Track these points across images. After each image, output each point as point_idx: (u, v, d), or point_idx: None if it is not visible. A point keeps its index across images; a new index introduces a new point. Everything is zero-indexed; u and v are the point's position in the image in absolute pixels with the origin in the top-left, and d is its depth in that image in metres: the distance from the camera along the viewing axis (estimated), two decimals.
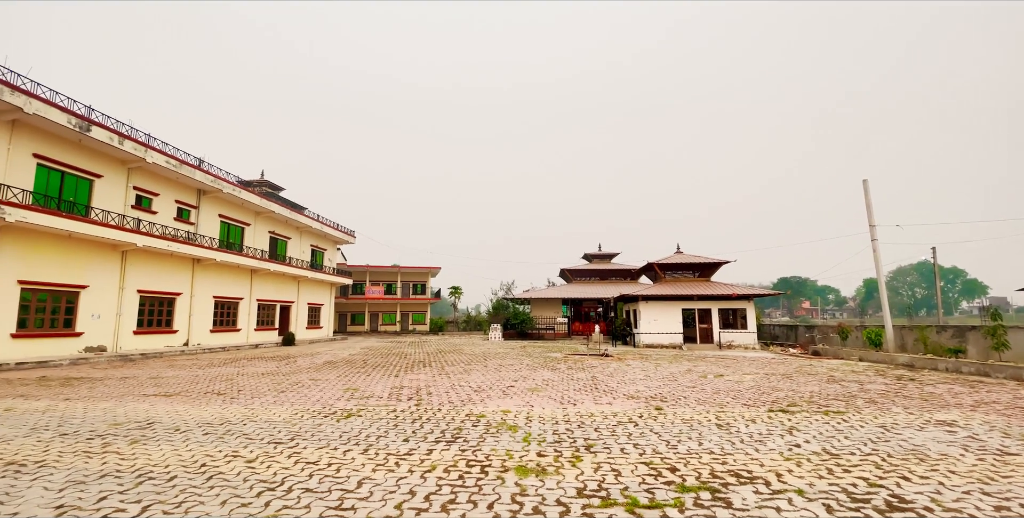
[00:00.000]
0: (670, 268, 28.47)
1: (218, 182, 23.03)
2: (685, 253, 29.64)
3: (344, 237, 37.20)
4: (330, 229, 34.89)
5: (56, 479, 4.42)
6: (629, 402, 8.52)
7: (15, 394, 9.35)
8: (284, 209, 29.20)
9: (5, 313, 14.56)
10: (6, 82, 13.84)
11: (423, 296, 49.23)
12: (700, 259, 28.12)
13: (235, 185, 24.55)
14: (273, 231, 29.57)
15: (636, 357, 18.25)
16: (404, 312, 48.90)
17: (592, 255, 41.79)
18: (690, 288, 26.08)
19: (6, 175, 14.62)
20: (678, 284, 27.35)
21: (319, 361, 16.72)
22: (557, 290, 38.62)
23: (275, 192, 32.26)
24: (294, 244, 31.86)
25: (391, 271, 48.60)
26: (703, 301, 25.02)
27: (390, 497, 4.01)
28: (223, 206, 24.93)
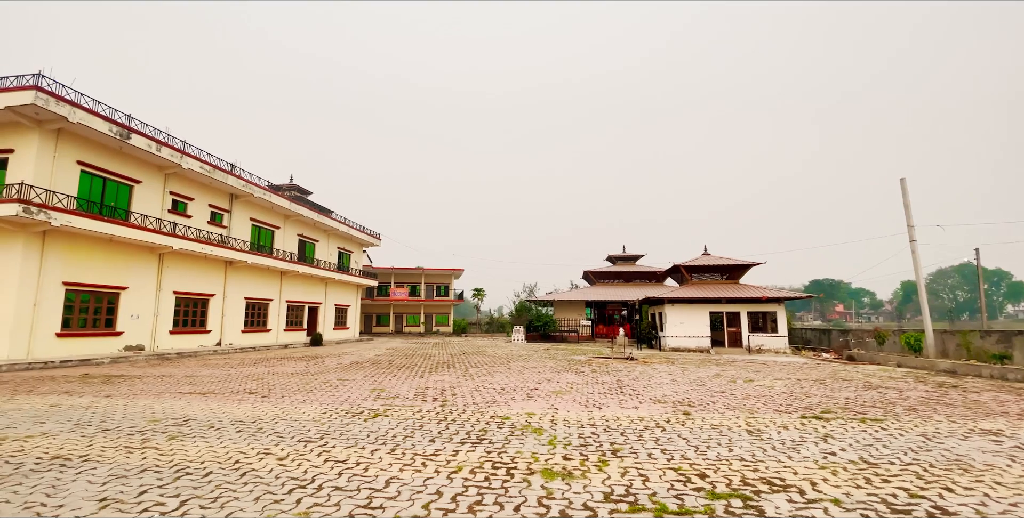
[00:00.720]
0: (697, 270, 27.97)
1: (249, 186, 23.71)
2: (712, 255, 29.08)
3: (369, 239, 37.80)
4: (356, 232, 35.51)
5: (99, 473, 4.61)
6: (656, 406, 8.39)
7: (60, 391, 9.80)
8: (312, 212, 29.88)
9: (51, 313, 15.28)
10: (52, 93, 14.56)
11: (446, 298, 49.61)
12: (728, 261, 27.54)
13: (265, 189, 25.25)
14: (302, 234, 30.27)
15: (662, 361, 17.98)
16: (428, 313, 49.35)
17: (616, 257, 41.42)
18: (718, 291, 25.56)
19: (52, 182, 15.37)
20: (705, 286, 26.84)
21: (346, 361, 17.02)
22: (580, 292, 38.39)
23: (303, 196, 33.03)
24: (322, 247, 32.54)
25: (415, 273, 49.13)
26: (731, 304, 24.49)
27: (417, 497, 4.04)
28: (254, 210, 25.65)
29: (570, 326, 35.28)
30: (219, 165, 21.87)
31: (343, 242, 35.56)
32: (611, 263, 41.88)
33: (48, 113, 14.51)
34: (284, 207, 26.99)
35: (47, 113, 14.50)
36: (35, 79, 14.32)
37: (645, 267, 40.18)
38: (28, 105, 14.01)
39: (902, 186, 18.85)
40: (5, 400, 8.62)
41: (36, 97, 14.02)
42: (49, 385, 10.56)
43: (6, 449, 5.41)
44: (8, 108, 14.03)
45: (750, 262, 27.03)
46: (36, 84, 14.20)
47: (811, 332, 28.64)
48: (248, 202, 24.89)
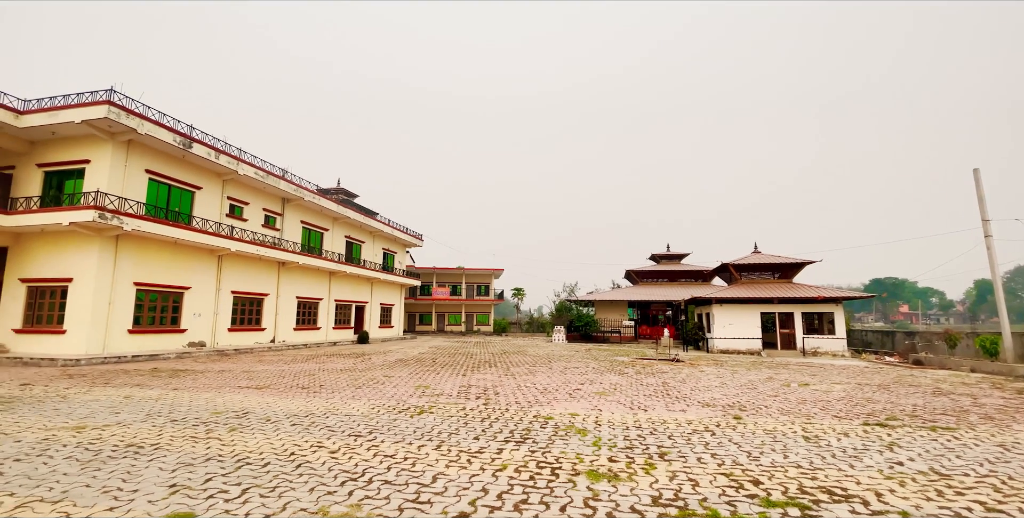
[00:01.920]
0: (747, 269, 26.92)
1: (300, 191, 24.75)
2: (763, 253, 27.91)
3: (412, 240, 38.63)
4: (400, 233, 36.40)
5: (169, 460, 4.93)
6: (704, 410, 8.13)
7: (132, 383, 10.55)
8: (358, 215, 30.86)
9: (124, 311, 16.48)
10: (123, 107, 15.69)
11: (486, 297, 50.00)
12: (780, 259, 26.35)
13: (315, 193, 26.28)
14: (349, 235, 31.31)
15: (710, 363, 17.42)
16: (469, 313, 49.91)
17: (660, 256, 40.48)
18: (770, 290, 24.51)
19: (124, 189, 16.56)
20: (756, 286, 25.80)
21: (391, 359, 17.45)
22: (622, 292, 37.76)
23: (350, 199, 34.16)
24: (367, 247, 33.53)
25: (456, 273, 49.80)
26: (785, 304, 23.42)
27: (464, 493, 4.09)
28: (304, 213, 26.75)
29: (612, 326, 34.76)
30: (272, 171, 22.94)
31: (387, 243, 36.50)
32: (654, 262, 40.96)
33: (119, 125, 15.65)
34: (332, 210, 28.01)
35: (119, 125, 15.65)
36: (107, 94, 15.48)
37: (690, 266, 39.07)
38: (102, 118, 15.17)
39: (975, 177, 17.45)
40: (84, 391, 9.36)
41: (109, 111, 15.16)
42: (123, 378, 11.39)
43: (86, 437, 5.87)
44: (85, 122, 15.24)
45: (804, 260, 25.76)
46: (108, 99, 15.35)
47: (872, 334, 26.99)
48: (299, 205, 25.98)
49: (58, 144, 16.60)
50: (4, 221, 15.35)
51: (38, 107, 15.72)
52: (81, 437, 5.83)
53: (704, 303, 26.03)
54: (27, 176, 16.78)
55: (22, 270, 16.15)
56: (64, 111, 15.36)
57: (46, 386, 9.97)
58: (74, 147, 16.43)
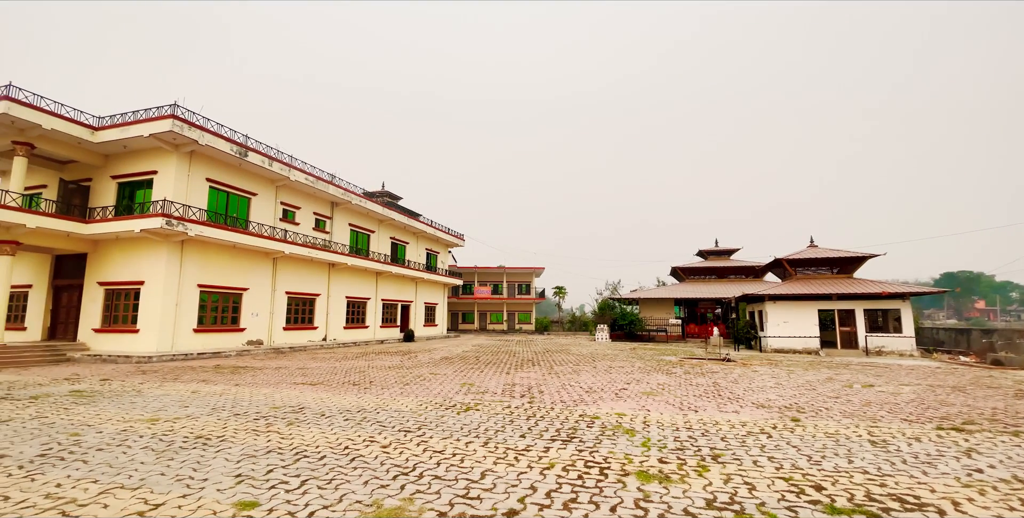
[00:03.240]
0: (803, 264, 25.62)
1: (347, 194, 25.61)
2: (820, 247, 26.48)
3: (454, 240, 39.19)
4: (442, 233, 37.01)
5: (233, 452, 5.21)
6: (759, 411, 7.80)
7: (198, 379, 11.24)
8: (403, 216, 31.62)
9: (189, 311, 17.58)
10: (185, 120, 16.73)
11: (528, 296, 50.04)
12: (839, 253, 24.91)
13: (361, 197, 27.14)
14: (394, 237, 32.13)
15: (764, 363, 16.71)
16: (510, 312, 50.11)
17: (708, 251, 39.19)
18: (828, 286, 23.23)
19: (187, 197, 17.66)
20: (812, 281, 24.52)
21: (436, 357, 17.77)
22: (668, 290, 36.84)
23: (394, 201, 35.03)
24: (412, 248, 34.30)
25: (497, 272, 50.11)
26: (845, 301, 22.13)
27: (512, 490, 4.10)
28: (352, 216, 27.66)
29: (658, 325, 33.98)
30: (321, 176, 23.86)
31: (430, 243, 37.19)
32: (702, 258, 39.71)
33: (183, 137, 16.71)
34: (378, 212, 28.84)
35: (182, 137, 16.70)
36: (171, 109, 16.55)
37: (740, 262, 37.62)
38: (167, 132, 16.24)
39: None
40: (156, 386, 10.06)
41: (173, 124, 16.20)
42: (190, 374, 12.16)
43: (159, 428, 6.29)
44: (152, 135, 16.36)
45: (865, 254, 24.24)
46: (172, 113, 16.41)
47: (944, 332, 25.10)
48: (347, 209, 26.90)
49: (129, 157, 17.91)
50: (84, 229, 16.71)
51: (111, 123, 17.01)
52: (155, 429, 6.26)
53: (756, 300, 24.99)
54: (103, 187, 18.20)
55: (100, 274, 17.53)
56: (133, 126, 16.55)
57: (123, 381, 10.78)
58: (143, 159, 17.67)
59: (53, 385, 10.18)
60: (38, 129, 15.46)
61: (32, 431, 6.10)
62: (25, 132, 15.59)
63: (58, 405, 7.87)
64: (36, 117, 15.17)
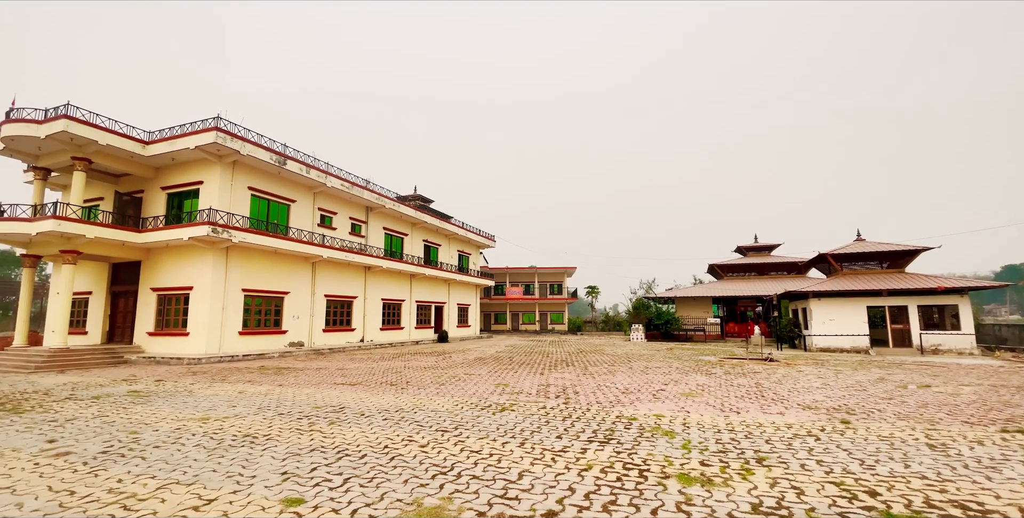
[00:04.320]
0: (849, 258, 24.50)
1: (381, 199, 26.17)
2: (868, 240, 25.26)
3: (485, 241, 39.42)
4: (473, 235, 37.29)
5: (279, 450, 5.39)
6: (806, 413, 7.50)
7: (244, 380, 11.69)
8: (435, 219, 32.06)
9: (234, 315, 18.32)
10: (228, 132, 17.46)
11: (560, 296, 49.79)
12: (889, 247, 23.69)
13: (394, 201, 27.67)
14: (427, 239, 32.60)
15: (809, 362, 16.07)
16: (542, 312, 49.98)
17: (747, 248, 38.01)
18: (877, 281, 22.13)
19: (231, 205, 18.43)
20: (860, 277, 23.42)
21: (470, 357, 17.90)
22: (706, 288, 35.92)
23: (426, 204, 35.52)
24: (444, 250, 34.70)
25: (528, 272, 50.08)
26: (896, 296, 21.03)
27: (550, 491, 4.07)
28: (386, 220, 28.23)
29: (695, 324, 33.17)
30: (356, 181, 24.46)
31: (462, 245, 37.53)
32: (741, 255, 38.55)
33: (226, 148, 17.45)
34: (411, 215, 29.33)
35: (225, 149, 17.45)
36: (214, 121, 17.32)
37: (782, 258, 36.30)
38: (211, 143, 16.99)
39: None
40: (206, 387, 10.52)
41: (217, 136, 16.94)
42: (236, 375, 12.66)
43: (210, 427, 6.58)
44: (198, 147, 17.15)
45: (918, 247, 22.95)
46: (216, 125, 17.16)
47: (1008, 329, 23.48)
48: (381, 213, 27.47)
49: (177, 168, 18.83)
50: (137, 238, 17.67)
51: (159, 137, 17.93)
52: (206, 427, 6.54)
53: (800, 297, 24.06)
54: (154, 198, 19.21)
55: (153, 280, 18.50)
56: (180, 139, 17.40)
57: (175, 382, 11.34)
58: (189, 170, 18.55)
59: (112, 386, 10.81)
60: (95, 145, 16.46)
61: (95, 429, 6.48)
62: (83, 148, 16.62)
63: (117, 405, 8.35)
64: (93, 133, 16.15)
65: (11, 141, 16.27)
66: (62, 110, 15.69)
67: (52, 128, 15.49)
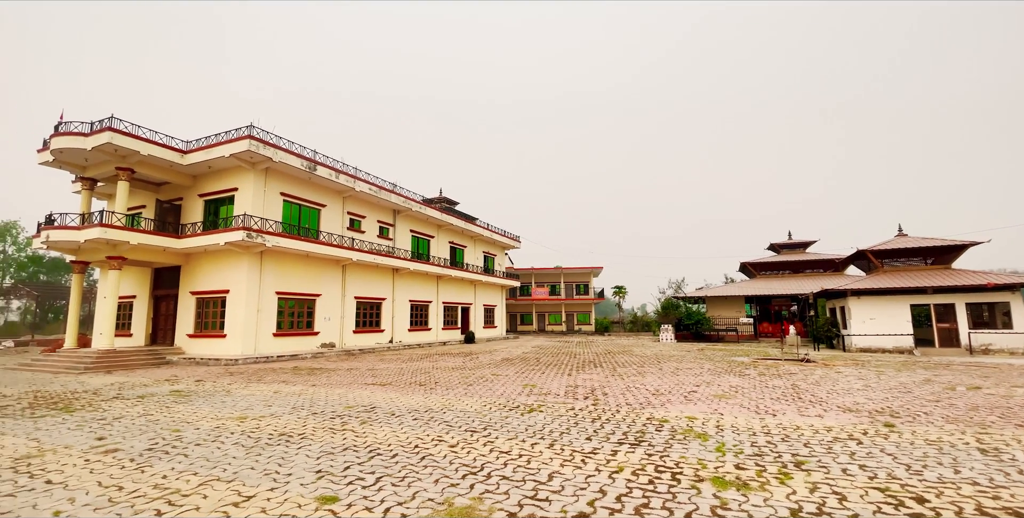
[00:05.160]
0: (890, 255, 23.51)
1: (408, 202, 26.53)
2: (910, 236, 24.20)
3: (510, 242, 39.47)
4: (498, 236, 37.40)
5: (313, 449, 5.51)
6: (846, 415, 7.22)
7: (279, 380, 12.01)
8: (460, 221, 32.29)
9: (269, 317, 18.87)
10: (261, 140, 18.01)
11: (586, 296, 49.40)
12: (933, 242, 22.62)
13: (421, 203, 28.01)
14: (452, 241, 32.87)
15: (848, 363, 15.48)
16: (569, 312, 49.68)
17: (780, 245, 36.92)
18: (921, 278, 21.17)
19: (264, 211, 18.99)
20: (902, 274, 22.44)
21: (497, 358, 17.93)
22: (738, 287, 35.07)
23: (451, 206, 35.80)
24: (470, 252, 34.92)
25: (554, 272, 49.89)
26: (942, 294, 20.05)
27: (581, 493, 4.04)
28: (413, 222, 28.61)
29: (727, 324, 32.41)
30: (383, 185, 24.88)
31: (487, 246, 37.69)
32: (774, 252, 37.47)
33: (259, 156, 18.01)
34: (437, 218, 29.64)
35: (258, 156, 18.01)
36: (248, 130, 17.89)
37: (818, 255, 35.13)
38: (245, 151, 17.56)
39: None
40: (243, 387, 10.86)
41: (250, 144, 17.50)
42: (271, 376, 13.03)
43: (248, 426, 6.78)
44: (232, 155, 17.75)
45: (966, 241, 21.84)
46: (249, 134, 17.73)
47: None
48: (408, 216, 27.86)
49: (213, 176, 19.54)
50: (177, 244, 18.40)
51: (197, 147, 18.64)
52: (244, 426, 6.75)
53: (837, 296, 23.21)
54: (192, 205, 19.97)
55: (192, 284, 19.23)
56: (216, 148, 18.04)
57: (214, 382, 11.74)
58: (225, 177, 19.22)
59: (155, 386, 11.27)
60: (137, 155, 17.23)
61: (140, 427, 6.77)
62: (126, 158, 17.42)
63: (161, 404, 8.70)
64: (135, 144, 16.91)
65: (60, 154, 17.19)
66: (106, 123, 16.48)
67: (97, 140, 16.29)
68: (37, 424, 7.06)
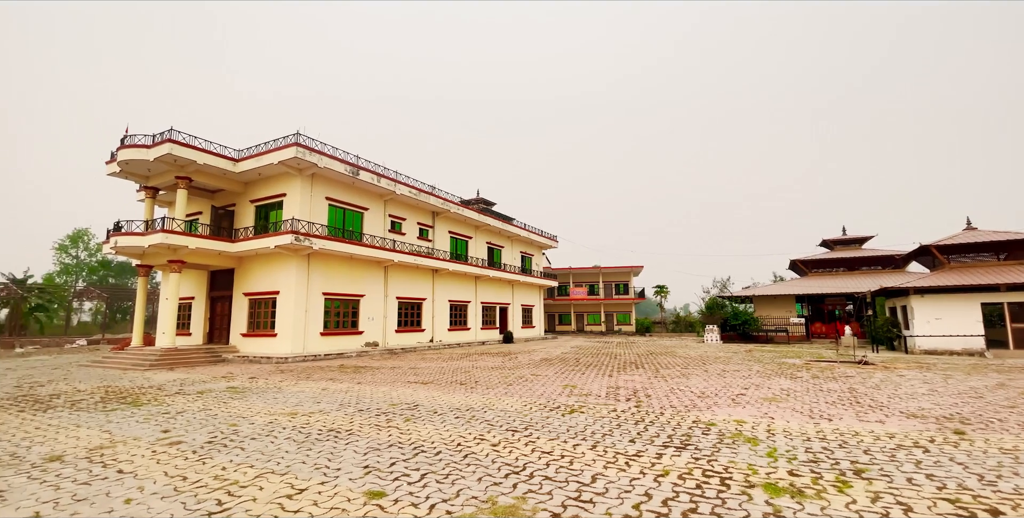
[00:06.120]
0: (957, 250, 21.93)
1: (447, 204, 26.92)
2: (980, 229, 22.50)
3: (547, 242, 39.33)
4: (535, 236, 37.35)
5: (360, 445, 5.67)
6: (911, 421, 6.78)
7: (326, 378, 12.43)
8: (497, 221, 32.46)
9: (316, 317, 19.57)
10: (307, 147, 18.72)
11: (626, 296, 48.59)
12: (1007, 235, 20.92)
13: (459, 205, 28.35)
14: (490, 241, 33.08)
15: (911, 366, 14.56)
16: (608, 312, 49.00)
17: (834, 241, 35.15)
18: (993, 275, 19.63)
19: (311, 215, 19.72)
20: (972, 271, 20.89)
21: (536, 358, 17.91)
22: (787, 285, 33.62)
23: (488, 207, 36.04)
24: (507, 252, 35.05)
25: (592, 272, 49.35)
26: (1018, 291, 18.53)
27: (626, 496, 3.97)
28: (451, 223, 29.00)
29: (776, 325, 31.13)
30: (423, 188, 25.35)
31: (524, 246, 37.71)
32: (827, 249, 35.72)
33: (305, 162, 18.72)
34: (474, 219, 29.92)
35: (305, 162, 18.73)
36: (295, 137, 18.63)
37: (875, 251, 33.23)
38: (292, 158, 18.29)
39: None
40: (293, 384, 11.30)
41: (297, 151, 18.22)
42: (319, 373, 13.50)
43: (298, 422, 7.05)
44: (281, 162, 18.53)
45: None
46: (296, 141, 18.46)
47: None
48: (446, 217, 28.27)
49: (263, 183, 20.46)
50: (231, 248, 19.37)
51: (247, 155, 19.57)
52: (295, 421, 7.03)
53: (898, 294, 21.86)
54: (244, 211, 20.98)
55: (245, 286, 20.20)
56: (265, 155, 18.88)
57: (266, 379, 12.28)
58: (274, 184, 20.09)
59: (213, 382, 11.90)
60: (194, 165, 18.26)
61: (201, 421, 7.16)
62: (184, 168, 18.49)
63: (218, 399, 9.18)
64: (192, 155, 17.93)
65: (126, 165, 18.43)
66: (166, 135, 17.55)
67: (159, 151, 17.37)
68: (108, 417, 7.59)
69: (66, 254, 52.96)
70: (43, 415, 7.79)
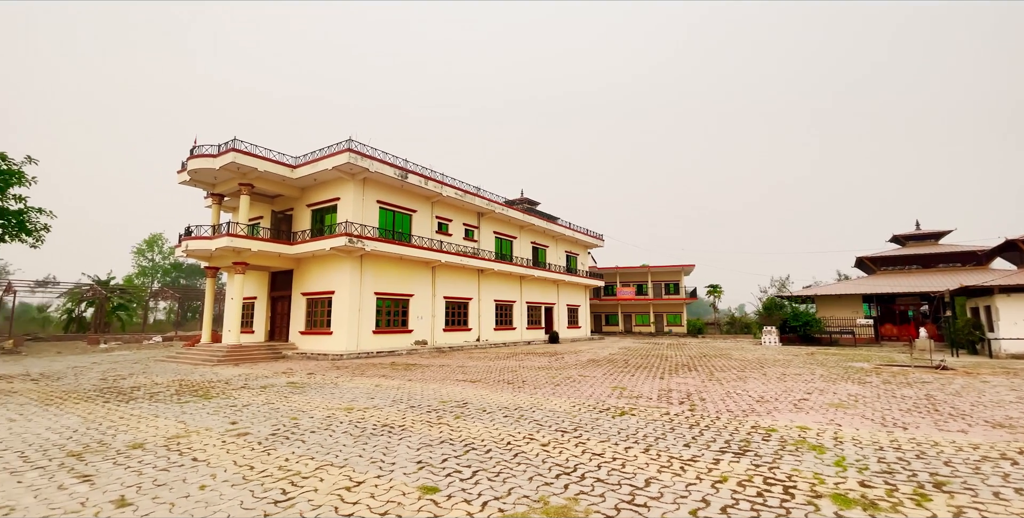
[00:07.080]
0: None
1: (491, 204, 27.14)
2: None
3: (593, 241, 38.83)
4: (581, 235, 36.97)
5: (413, 441, 5.80)
6: (997, 431, 6.20)
7: (379, 375, 12.82)
8: (542, 221, 32.39)
9: (369, 316, 20.24)
10: (359, 152, 19.40)
11: (677, 296, 47.18)
12: None
13: (503, 205, 28.52)
14: (534, 241, 33.07)
15: (996, 371, 13.33)
16: (657, 313, 47.76)
17: (905, 236, 32.77)
18: None
19: (363, 217, 20.42)
20: None
21: (583, 359, 17.72)
22: (854, 284, 31.63)
23: (533, 207, 36.05)
24: (551, 251, 34.90)
25: (641, 271, 48.27)
26: None
27: (682, 501, 3.85)
28: (496, 224, 29.21)
29: (841, 326, 29.35)
30: (468, 189, 25.68)
31: (569, 246, 37.42)
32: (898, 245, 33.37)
33: (358, 167, 19.42)
34: (519, 219, 29.99)
35: (357, 167, 19.42)
36: (347, 143, 19.36)
37: (953, 247, 30.69)
38: (345, 163, 19.02)
39: None
40: (348, 380, 11.73)
41: (350, 157, 18.93)
42: (372, 370, 13.95)
43: (354, 417, 7.30)
44: (335, 168, 19.31)
45: None
46: (349, 147, 19.18)
47: None
48: (491, 218, 28.50)
49: (318, 188, 21.39)
50: (289, 250, 20.37)
51: (304, 161, 20.51)
52: (351, 416, 7.29)
53: (981, 293, 20.08)
54: (301, 215, 22.01)
55: (303, 286, 21.18)
56: (320, 161, 19.73)
57: (323, 375, 12.81)
58: (328, 188, 20.96)
59: (274, 377, 12.55)
60: (255, 172, 19.34)
61: (265, 414, 7.57)
62: (246, 175, 19.62)
63: (280, 394, 9.66)
64: (254, 162, 19.00)
65: (195, 173, 19.76)
66: (230, 144, 18.68)
67: (224, 160, 18.51)
68: (183, 408, 8.16)
69: (143, 257, 57.57)
70: (126, 406, 8.48)
